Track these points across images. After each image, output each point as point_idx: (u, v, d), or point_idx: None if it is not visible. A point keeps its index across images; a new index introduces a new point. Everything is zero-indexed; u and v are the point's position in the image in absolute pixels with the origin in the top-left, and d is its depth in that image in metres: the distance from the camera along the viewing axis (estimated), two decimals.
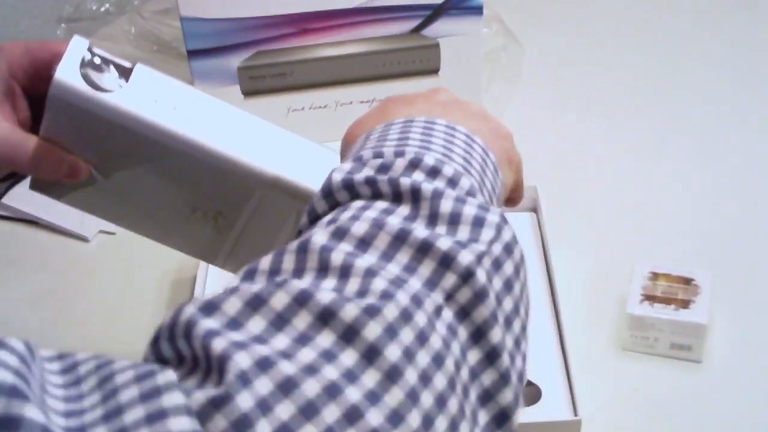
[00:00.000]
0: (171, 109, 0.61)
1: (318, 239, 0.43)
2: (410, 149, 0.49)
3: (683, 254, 0.92)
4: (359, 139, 0.54)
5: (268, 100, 1.06)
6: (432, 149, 0.49)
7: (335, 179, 0.47)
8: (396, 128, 0.52)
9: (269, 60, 1.05)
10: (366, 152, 0.50)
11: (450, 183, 0.47)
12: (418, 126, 0.52)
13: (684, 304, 0.81)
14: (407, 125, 0.52)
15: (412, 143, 0.50)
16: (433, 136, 0.51)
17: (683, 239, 0.95)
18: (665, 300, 0.81)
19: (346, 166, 0.48)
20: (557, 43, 1.27)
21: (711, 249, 0.93)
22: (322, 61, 1.06)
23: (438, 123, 0.52)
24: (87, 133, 0.61)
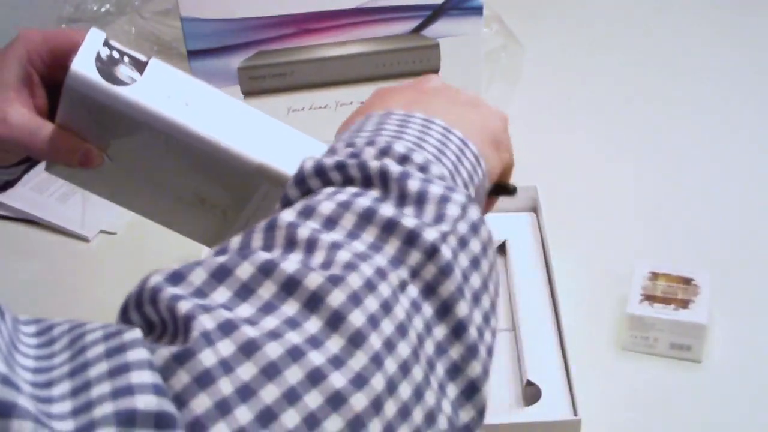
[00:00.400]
0: (183, 104, 0.61)
1: (285, 217, 0.44)
2: (381, 139, 0.50)
3: (683, 254, 0.92)
4: (343, 133, 0.55)
5: (269, 101, 1.06)
6: (404, 139, 0.50)
7: (307, 166, 0.48)
8: (373, 121, 0.53)
9: (269, 60, 1.05)
10: (339, 144, 0.51)
11: (420, 170, 0.48)
12: (395, 119, 0.53)
13: (684, 304, 0.81)
14: (384, 117, 0.53)
15: (385, 134, 0.51)
16: (408, 128, 0.52)
17: (683, 239, 0.95)
18: (665, 300, 0.82)
19: (318, 155, 0.49)
20: (557, 43, 1.27)
21: (711, 249, 0.93)
22: (323, 62, 1.06)
23: (415, 116, 0.53)
24: (101, 123, 0.62)
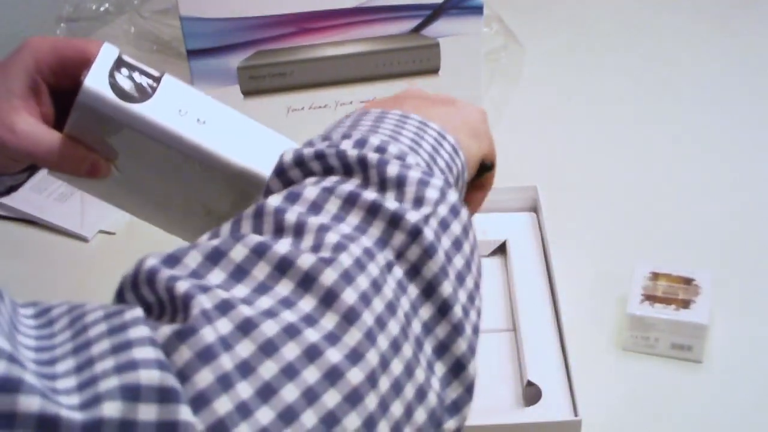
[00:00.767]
0: (195, 121, 0.62)
1: (272, 202, 0.44)
2: (357, 132, 0.51)
3: (684, 254, 0.92)
4: None
5: (268, 100, 1.06)
6: (379, 132, 0.51)
7: (286, 158, 0.49)
8: (351, 118, 0.55)
9: (269, 60, 1.05)
10: (315, 138, 0.52)
11: (397, 158, 0.48)
12: (371, 116, 0.54)
13: (684, 305, 0.81)
14: (361, 115, 0.55)
15: (361, 128, 0.52)
16: (384, 123, 0.53)
17: (683, 239, 0.95)
18: (666, 300, 0.81)
19: (297, 147, 0.50)
20: (557, 43, 1.27)
21: (711, 249, 0.93)
22: (322, 61, 1.06)
23: (392, 113, 0.54)
24: (111, 137, 0.62)
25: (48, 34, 1.33)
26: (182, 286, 0.38)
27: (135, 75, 0.61)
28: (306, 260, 0.40)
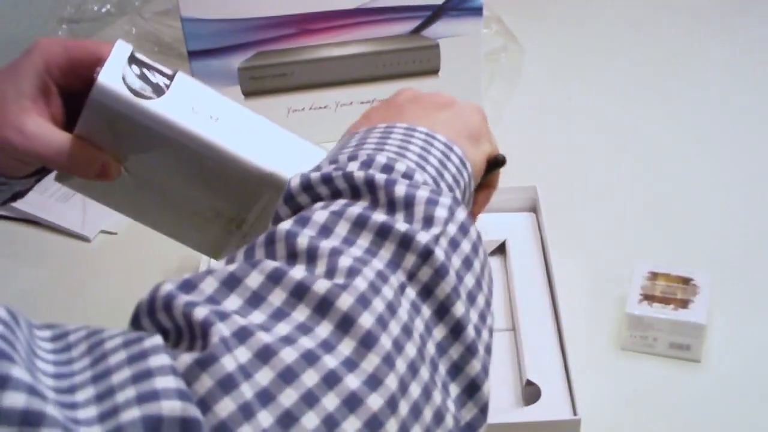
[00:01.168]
0: (208, 118, 0.61)
1: (283, 227, 0.44)
2: (363, 152, 0.51)
3: (682, 254, 0.93)
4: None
5: (269, 101, 1.07)
6: (386, 150, 0.51)
7: (294, 183, 0.49)
8: (356, 137, 0.54)
9: (270, 60, 1.06)
10: (323, 162, 0.52)
11: (404, 177, 0.48)
12: (377, 132, 0.54)
13: (683, 304, 0.81)
14: (367, 132, 0.54)
15: (367, 147, 0.52)
16: (390, 139, 0.53)
17: (682, 239, 0.95)
18: (664, 300, 0.82)
19: (304, 172, 0.50)
20: (557, 44, 1.27)
21: (710, 249, 0.93)
22: (323, 62, 1.06)
23: (398, 126, 0.54)
24: (123, 136, 0.61)
25: (49, 36, 1.33)
26: (200, 313, 0.38)
27: (148, 72, 0.61)
28: (322, 285, 0.40)
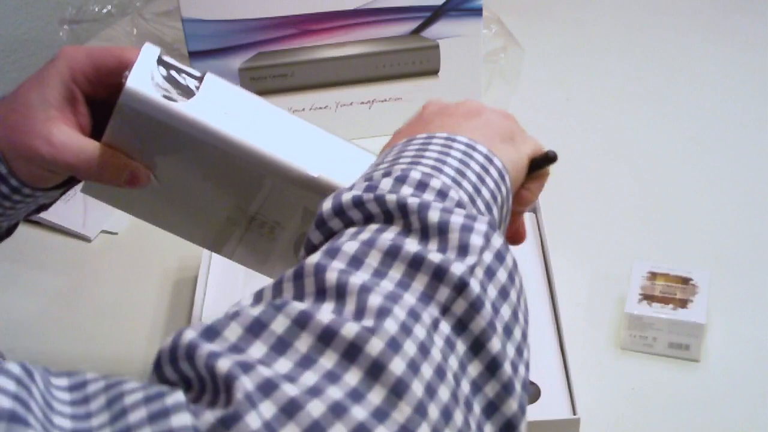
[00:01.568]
0: (240, 120, 0.60)
1: (311, 260, 0.42)
2: (398, 167, 0.49)
3: (681, 254, 0.93)
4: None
5: (269, 101, 1.07)
6: (421, 163, 0.49)
7: (325, 207, 0.47)
8: (395, 150, 0.53)
9: (270, 61, 1.06)
10: (359, 179, 0.50)
11: (439, 195, 0.47)
12: (416, 143, 0.52)
13: (682, 304, 0.81)
14: (406, 144, 0.53)
15: (403, 161, 0.50)
16: (428, 151, 0.51)
17: (681, 239, 0.95)
18: (663, 299, 0.82)
19: (335, 193, 0.48)
20: (556, 45, 1.27)
21: (709, 249, 0.94)
22: (323, 63, 1.06)
23: (437, 137, 0.52)
24: (153, 141, 0.60)
25: (51, 37, 1.34)
26: (224, 365, 0.37)
27: (177, 75, 0.60)
28: (350, 330, 0.38)
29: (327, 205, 0.47)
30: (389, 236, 0.44)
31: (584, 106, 1.16)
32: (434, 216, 0.44)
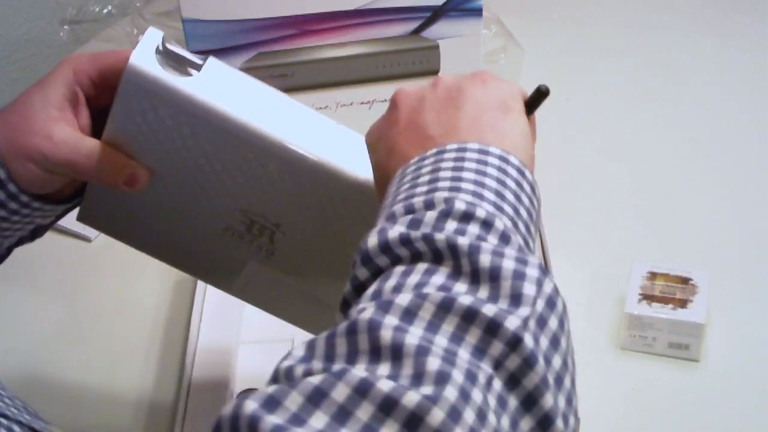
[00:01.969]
0: (242, 101, 0.60)
1: (365, 316, 0.42)
2: (440, 195, 0.49)
3: (681, 254, 0.93)
4: (394, 178, 0.53)
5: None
6: (462, 189, 0.49)
7: (371, 244, 0.47)
8: (427, 167, 0.52)
9: (270, 61, 1.06)
10: (398, 207, 0.49)
11: (484, 226, 0.47)
12: (449, 159, 0.51)
13: (682, 304, 0.81)
14: (438, 161, 0.52)
15: (442, 185, 0.50)
16: (464, 170, 0.50)
17: (681, 239, 0.95)
18: (663, 299, 0.82)
19: (379, 227, 0.48)
20: (556, 45, 1.27)
21: (709, 249, 0.94)
22: (323, 63, 1.07)
23: (469, 151, 0.52)
24: (154, 128, 0.60)
25: (51, 37, 1.34)
26: None
27: (180, 53, 0.60)
28: (411, 399, 0.38)
29: (373, 242, 0.47)
30: (439, 281, 0.44)
31: (584, 106, 1.16)
32: (485, 260, 0.44)
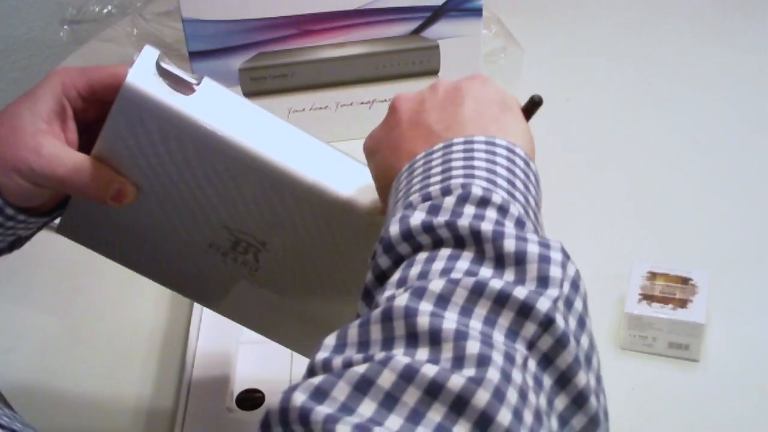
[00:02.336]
0: (236, 121, 0.61)
1: (400, 302, 0.43)
2: (456, 182, 0.49)
3: (681, 254, 0.93)
4: (402, 174, 0.54)
5: (269, 102, 1.07)
6: (476, 176, 0.50)
7: (393, 232, 0.47)
8: (437, 159, 0.52)
9: (270, 61, 1.06)
10: (414, 196, 0.50)
11: (501, 211, 0.47)
12: (458, 152, 0.52)
13: (682, 304, 0.81)
14: (447, 153, 0.53)
15: (456, 172, 0.50)
16: (475, 159, 0.51)
17: (681, 239, 0.95)
18: (663, 299, 0.82)
19: (399, 215, 0.48)
20: (556, 45, 1.27)
21: (708, 249, 0.94)
22: (323, 63, 1.07)
23: (477, 143, 0.53)
24: (146, 147, 0.61)
25: (51, 37, 1.34)
26: (343, 431, 0.37)
27: (176, 73, 0.60)
28: (456, 382, 0.39)
29: (395, 230, 0.47)
30: (464, 266, 0.45)
31: (584, 107, 1.16)
32: (510, 245, 0.45)
